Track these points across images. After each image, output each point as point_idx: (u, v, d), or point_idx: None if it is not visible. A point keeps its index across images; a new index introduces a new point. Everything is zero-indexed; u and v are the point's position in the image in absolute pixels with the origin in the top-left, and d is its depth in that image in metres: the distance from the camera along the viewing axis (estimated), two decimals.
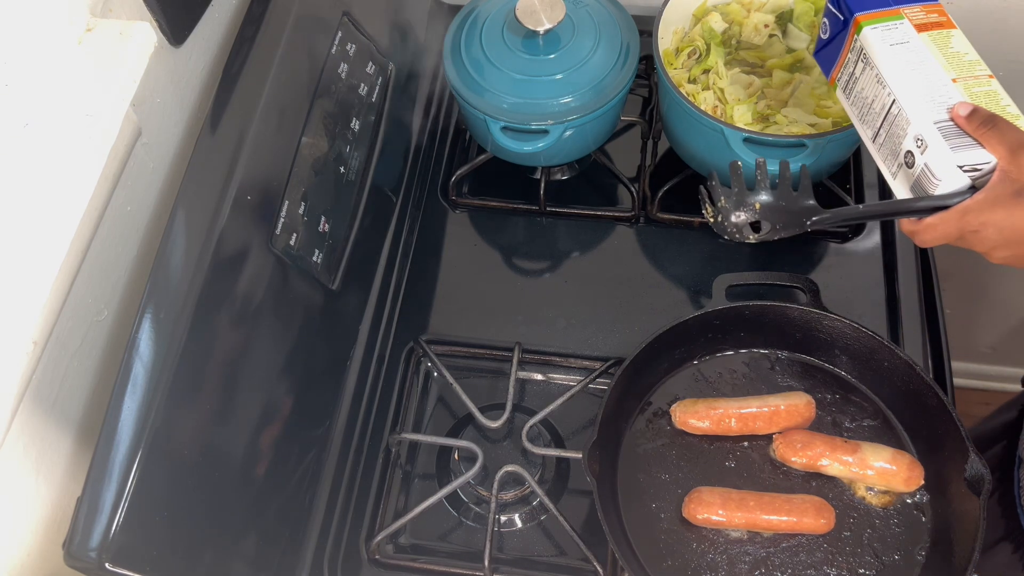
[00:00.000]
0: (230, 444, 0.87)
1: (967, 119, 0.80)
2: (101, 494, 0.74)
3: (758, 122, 1.09)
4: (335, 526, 0.99)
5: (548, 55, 1.09)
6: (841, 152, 1.11)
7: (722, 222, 0.88)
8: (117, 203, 0.87)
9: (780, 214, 0.87)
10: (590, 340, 1.10)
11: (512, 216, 1.22)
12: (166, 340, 0.80)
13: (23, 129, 0.77)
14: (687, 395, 1.02)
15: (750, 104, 1.09)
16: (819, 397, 1.01)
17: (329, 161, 1.03)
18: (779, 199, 0.87)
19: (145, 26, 0.83)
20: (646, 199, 1.20)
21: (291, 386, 0.95)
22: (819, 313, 1.01)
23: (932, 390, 0.94)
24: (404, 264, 1.17)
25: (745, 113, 1.09)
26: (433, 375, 1.11)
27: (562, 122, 1.07)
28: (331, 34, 1.06)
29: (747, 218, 0.88)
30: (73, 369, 0.84)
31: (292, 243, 0.95)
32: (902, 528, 0.94)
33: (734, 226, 0.88)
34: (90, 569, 0.73)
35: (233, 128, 0.91)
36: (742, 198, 0.87)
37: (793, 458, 0.96)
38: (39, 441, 0.81)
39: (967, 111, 0.80)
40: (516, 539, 1.00)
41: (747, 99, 1.11)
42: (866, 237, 1.16)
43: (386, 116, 1.16)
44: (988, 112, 0.80)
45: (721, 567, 0.92)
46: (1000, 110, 0.82)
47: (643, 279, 1.15)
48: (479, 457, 0.99)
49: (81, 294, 0.83)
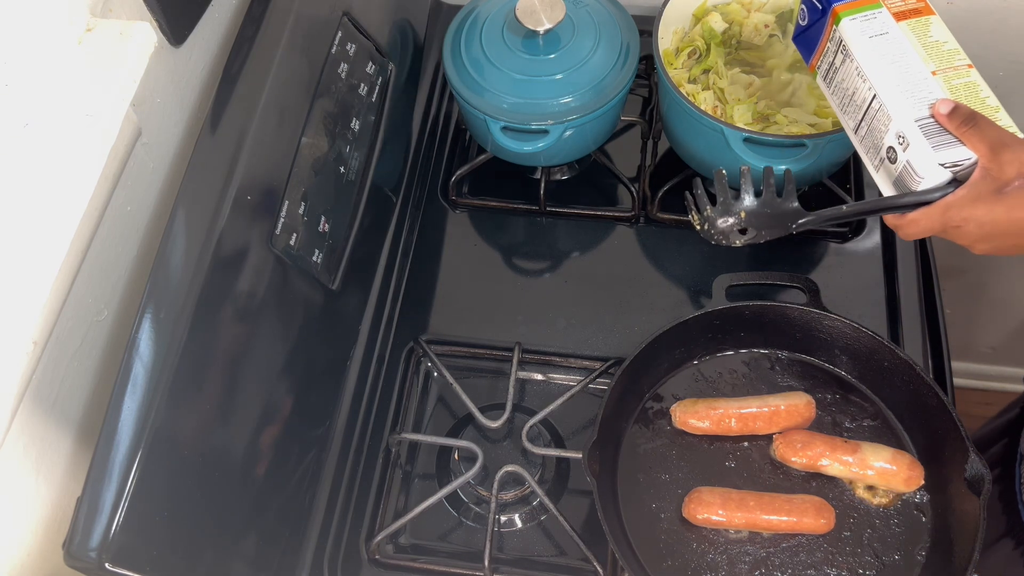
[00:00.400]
0: (230, 444, 0.87)
1: (948, 117, 0.81)
2: (101, 494, 0.74)
3: (758, 122, 1.09)
4: (335, 526, 0.99)
5: (548, 55, 1.09)
6: (841, 152, 1.11)
7: (708, 229, 0.91)
8: (117, 203, 0.87)
9: (765, 219, 0.89)
10: (590, 340, 1.10)
11: (512, 216, 1.22)
12: (166, 340, 0.80)
13: (23, 129, 0.77)
14: (687, 395, 1.02)
15: (750, 104, 1.09)
16: (819, 397, 1.01)
17: (329, 161, 1.03)
18: (764, 205, 0.89)
19: (145, 26, 0.83)
20: (646, 199, 1.20)
21: (291, 386, 0.95)
22: (819, 313, 1.01)
23: (932, 390, 0.94)
24: (404, 264, 1.17)
25: (745, 113, 1.09)
26: (433, 375, 1.11)
27: (562, 122, 1.07)
28: (331, 34, 1.06)
29: (734, 223, 0.89)
30: (73, 369, 0.84)
31: (292, 243, 0.95)
32: (902, 528, 0.94)
33: (720, 232, 0.90)
34: (90, 569, 0.73)
35: (233, 128, 0.91)
36: (727, 206, 0.89)
37: (793, 458, 0.96)
38: (39, 441, 0.81)
39: (948, 109, 0.81)
40: (516, 539, 1.00)
41: (747, 99, 1.11)
42: (866, 237, 1.16)
43: (386, 116, 1.16)
44: (969, 110, 0.80)
45: (721, 567, 0.92)
46: (980, 102, 0.82)
47: (643, 279, 1.15)
48: (479, 457, 0.99)
49: (81, 294, 0.83)
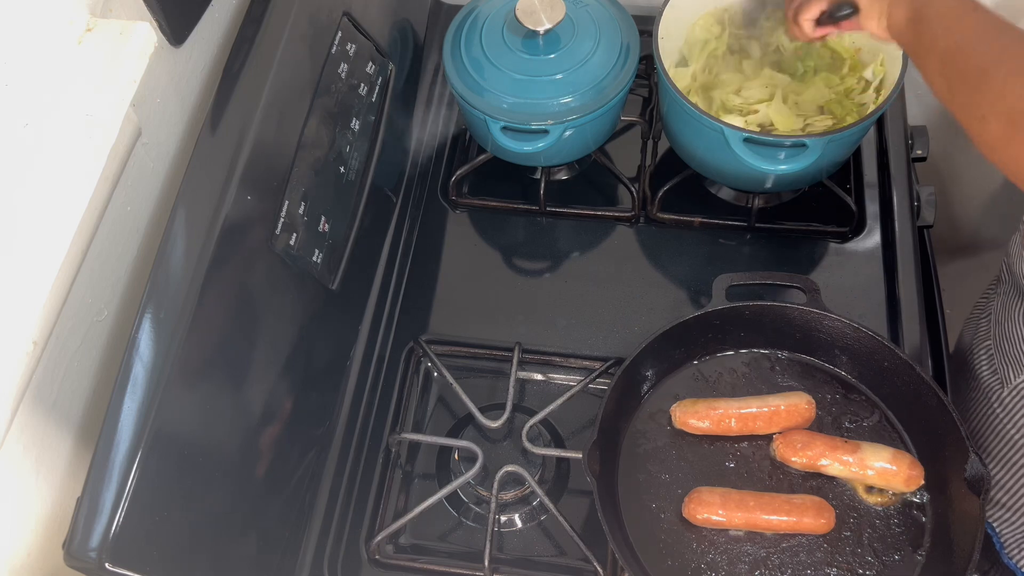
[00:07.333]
0: (230, 444, 0.87)
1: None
2: (101, 494, 0.74)
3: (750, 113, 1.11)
4: (335, 526, 0.99)
5: (548, 55, 1.09)
6: (841, 152, 1.11)
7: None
8: (117, 203, 0.87)
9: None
10: (590, 340, 1.10)
11: (512, 216, 1.22)
12: (166, 340, 0.80)
13: (23, 129, 0.77)
14: (687, 395, 1.02)
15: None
16: (819, 397, 1.01)
17: (329, 161, 1.03)
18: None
19: (145, 26, 0.83)
20: (646, 199, 1.20)
21: (291, 386, 0.95)
22: (819, 313, 1.01)
23: (932, 390, 0.94)
24: (404, 264, 1.17)
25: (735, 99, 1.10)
26: (433, 375, 1.11)
27: (562, 122, 1.07)
28: (331, 34, 1.06)
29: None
30: (73, 369, 0.84)
31: (292, 243, 0.95)
32: (902, 528, 0.94)
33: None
34: (90, 569, 0.73)
35: (233, 128, 0.91)
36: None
37: (793, 458, 0.96)
38: (39, 441, 0.81)
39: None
40: (516, 539, 1.00)
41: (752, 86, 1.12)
42: (866, 237, 1.16)
43: (386, 116, 1.16)
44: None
45: (721, 567, 0.92)
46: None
47: (643, 279, 1.15)
48: (479, 457, 0.99)
49: (81, 294, 0.83)
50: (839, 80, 1.12)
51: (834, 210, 1.17)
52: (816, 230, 1.17)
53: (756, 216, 1.16)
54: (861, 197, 1.19)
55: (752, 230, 1.17)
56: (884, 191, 1.18)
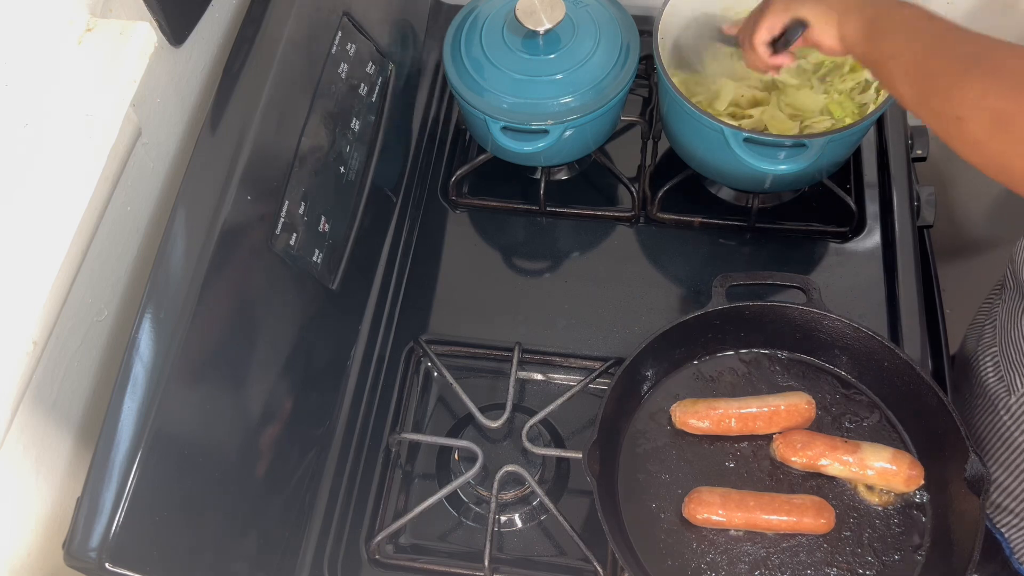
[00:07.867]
0: (230, 444, 0.87)
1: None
2: (101, 494, 0.74)
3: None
4: (335, 526, 0.99)
5: (548, 55, 1.09)
6: (841, 152, 1.11)
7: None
8: (117, 203, 0.87)
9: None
10: (590, 340, 1.10)
11: (512, 216, 1.22)
12: (166, 340, 0.80)
13: (23, 129, 0.77)
14: (687, 395, 1.02)
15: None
16: (819, 397, 1.01)
17: (329, 161, 1.03)
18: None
19: (145, 26, 0.83)
20: (646, 199, 1.20)
21: (291, 386, 0.95)
22: (819, 313, 1.01)
23: (932, 390, 0.94)
24: (404, 264, 1.17)
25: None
26: (433, 375, 1.11)
27: (562, 122, 1.07)
28: (331, 34, 1.06)
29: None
30: (73, 369, 0.84)
31: (292, 243, 0.95)
32: (902, 528, 0.94)
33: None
34: (90, 569, 0.74)
35: (233, 128, 0.91)
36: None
37: (793, 458, 0.96)
38: (39, 441, 0.81)
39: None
40: (516, 539, 1.00)
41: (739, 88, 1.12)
42: (866, 237, 1.16)
43: (386, 116, 1.16)
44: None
45: (721, 567, 0.92)
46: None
47: (643, 279, 1.15)
48: (479, 457, 0.99)
49: (81, 294, 0.83)
50: (839, 80, 1.12)
51: (834, 210, 1.17)
52: (816, 230, 1.17)
53: (756, 216, 1.16)
54: (861, 197, 1.19)
55: (752, 230, 1.17)
56: (884, 191, 1.18)
